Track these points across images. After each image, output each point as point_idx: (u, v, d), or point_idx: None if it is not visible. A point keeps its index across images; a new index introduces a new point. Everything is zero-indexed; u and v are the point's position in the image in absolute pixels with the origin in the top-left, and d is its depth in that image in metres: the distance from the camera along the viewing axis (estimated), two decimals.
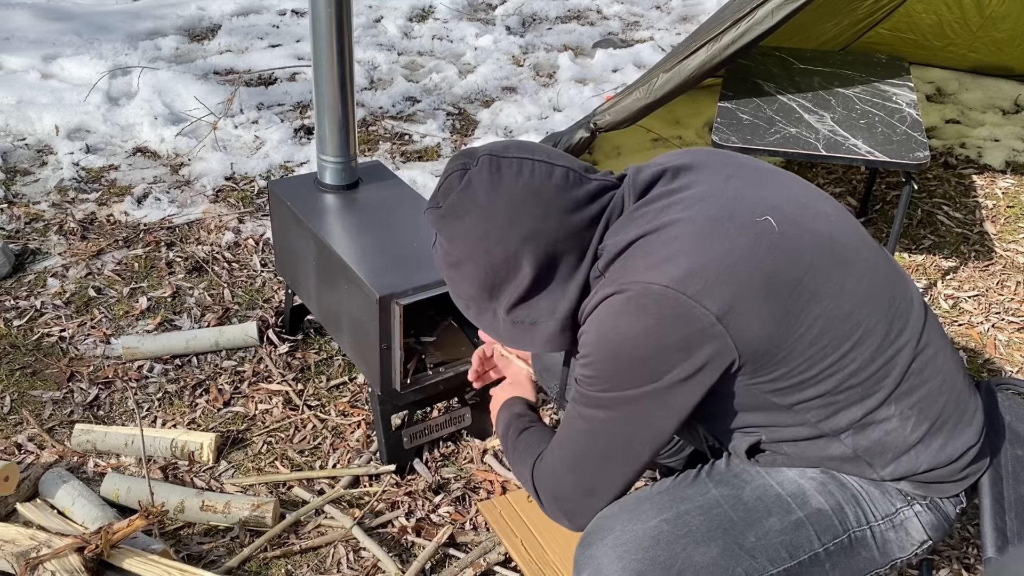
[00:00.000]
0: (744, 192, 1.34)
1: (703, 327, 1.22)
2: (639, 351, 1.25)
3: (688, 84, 2.81)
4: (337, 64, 2.20)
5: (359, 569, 1.94)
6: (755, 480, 1.40)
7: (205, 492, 2.07)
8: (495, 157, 1.36)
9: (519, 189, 1.33)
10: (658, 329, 1.23)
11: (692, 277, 1.22)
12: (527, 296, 1.37)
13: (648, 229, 1.30)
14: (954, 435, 1.38)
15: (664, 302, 1.22)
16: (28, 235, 3.15)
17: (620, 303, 1.26)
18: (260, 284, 2.92)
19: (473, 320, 1.47)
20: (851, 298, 1.30)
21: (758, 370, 1.27)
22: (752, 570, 1.33)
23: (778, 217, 1.30)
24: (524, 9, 5.69)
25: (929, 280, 3.10)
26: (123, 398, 2.43)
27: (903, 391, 1.33)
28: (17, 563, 1.75)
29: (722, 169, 1.39)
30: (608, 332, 1.27)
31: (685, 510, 1.37)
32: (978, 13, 4.13)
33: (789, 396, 1.31)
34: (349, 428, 2.34)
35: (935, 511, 1.41)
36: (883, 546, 1.40)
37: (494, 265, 1.35)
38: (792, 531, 1.35)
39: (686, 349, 1.23)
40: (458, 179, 1.36)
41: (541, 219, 1.33)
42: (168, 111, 4.01)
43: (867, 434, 1.34)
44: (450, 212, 1.37)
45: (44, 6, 5.27)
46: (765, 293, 1.24)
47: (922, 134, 2.70)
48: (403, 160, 3.79)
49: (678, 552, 1.32)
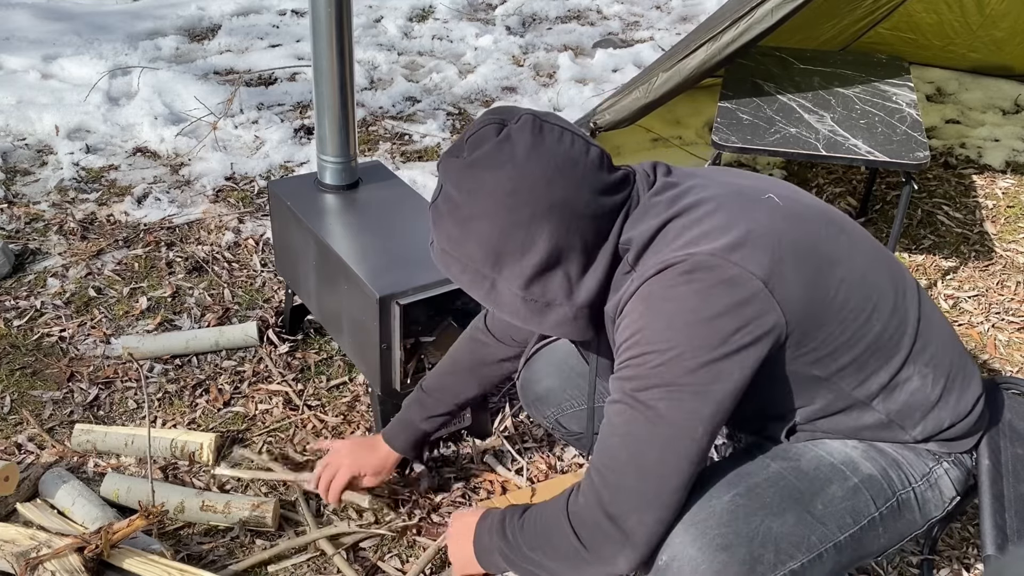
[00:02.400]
0: (738, 181, 1.42)
1: (753, 292, 1.24)
2: (694, 316, 1.22)
3: (688, 83, 2.81)
4: (337, 64, 2.20)
5: (359, 569, 1.94)
6: (807, 452, 1.43)
7: (205, 492, 2.07)
8: (538, 119, 1.32)
9: (561, 155, 1.29)
10: (710, 293, 1.22)
11: (733, 246, 1.25)
12: (542, 271, 1.31)
13: (673, 213, 1.32)
14: (965, 386, 1.44)
15: (713, 268, 1.23)
16: (28, 235, 3.15)
17: (668, 276, 1.25)
18: (260, 284, 2.92)
19: (466, 288, 1.38)
20: (861, 263, 1.36)
21: (803, 338, 1.29)
22: (824, 537, 1.35)
23: (777, 195, 1.38)
24: (524, 9, 5.69)
25: (929, 280, 3.10)
26: (123, 398, 2.43)
27: (918, 349, 1.38)
28: (17, 563, 1.75)
29: (709, 170, 1.48)
30: (659, 303, 1.25)
31: (755, 483, 1.37)
32: (978, 12, 4.13)
33: (827, 366, 1.33)
34: (349, 428, 2.34)
35: (959, 466, 1.47)
36: (923, 506, 1.44)
37: (513, 227, 1.28)
38: (852, 496, 1.38)
39: (740, 314, 1.23)
40: (494, 131, 1.31)
41: (575, 191, 1.29)
42: (168, 111, 4.01)
43: (895, 397, 1.38)
44: (480, 162, 1.29)
45: (44, 6, 5.28)
46: (795, 260, 1.28)
47: (922, 134, 2.70)
48: (403, 160, 3.79)
49: (757, 524, 1.31)
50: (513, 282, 1.33)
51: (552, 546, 1.36)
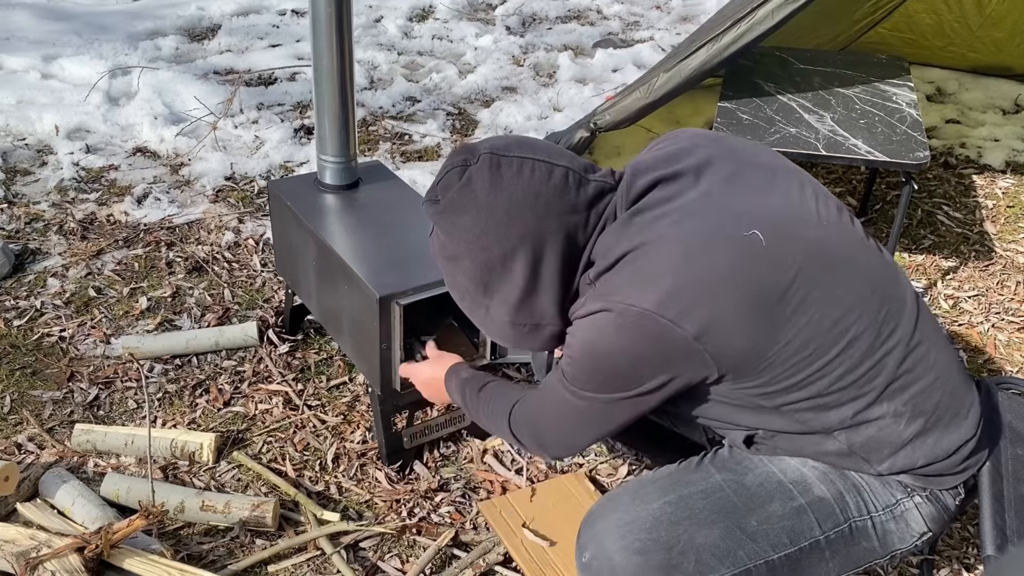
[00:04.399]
0: (736, 200, 1.33)
1: (680, 348, 1.26)
2: (617, 366, 1.30)
3: (688, 84, 2.81)
4: (337, 64, 2.20)
5: (359, 569, 1.94)
6: (758, 467, 1.42)
7: (205, 492, 2.07)
8: (496, 155, 1.36)
9: (519, 189, 1.34)
10: (636, 349, 1.28)
11: (673, 298, 1.25)
12: (525, 297, 1.39)
13: (637, 244, 1.31)
14: (949, 430, 1.39)
15: (643, 324, 1.26)
16: (28, 235, 3.15)
17: (604, 320, 1.29)
18: (260, 284, 2.92)
19: (467, 312, 1.51)
20: (839, 305, 1.31)
21: (740, 378, 1.30)
22: (753, 553, 1.35)
23: (767, 229, 1.29)
24: (524, 9, 5.69)
25: (929, 280, 3.10)
26: (123, 398, 2.43)
27: (895, 389, 1.34)
28: (17, 563, 1.75)
29: (725, 165, 1.38)
30: (590, 344, 1.32)
31: (688, 493, 1.40)
32: (978, 12, 4.13)
33: (775, 399, 1.33)
34: (349, 428, 2.34)
35: (935, 503, 1.42)
36: (883, 537, 1.41)
37: (490, 262, 1.38)
38: (793, 517, 1.37)
39: (662, 366, 1.28)
40: (458, 176, 1.37)
41: (539, 220, 1.34)
42: (168, 111, 4.01)
43: (860, 431, 1.36)
44: (449, 208, 1.38)
45: (44, 6, 5.28)
46: (748, 308, 1.26)
47: (922, 134, 2.70)
48: (403, 160, 3.79)
49: (680, 534, 1.35)
50: (501, 308, 1.42)
51: (494, 422, 1.62)
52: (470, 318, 1.51)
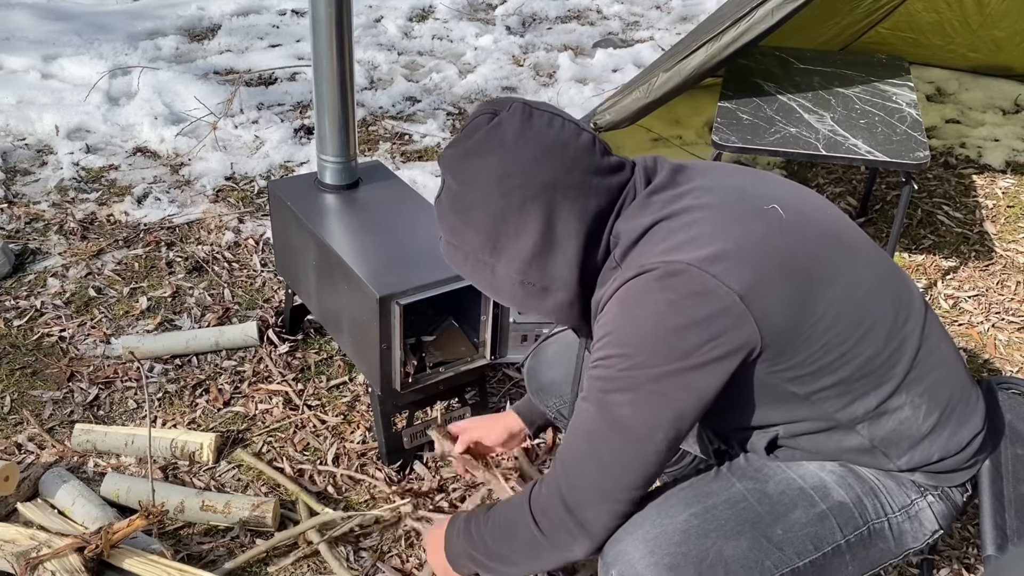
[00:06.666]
0: (746, 186, 1.38)
1: (727, 306, 1.22)
2: (663, 325, 1.23)
3: (688, 83, 2.80)
4: (337, 64, 2.20)
5: (359, 569, 1.94)
6: (777, 474, 1.41)
7: (205, 492, 2.07)
8: (528, 106, 1.34)
9: (549, 137, 1.31)
10: (682, 305, 1.22)
11: (715, 257, 1.23)
12: (538, 253, 1.33)
13: (664, 215, 1.31)
14: (962, 423, 1.41)
15: (688, 279, 1.22)
16: (28, 235, 3.15)
17: (644, 281, 1.25)
18: (260, 284, 2.92)
19: (468, 277, 1.42)
20: (860, 285, 1.33)
21: (778, 356, 1.28)
22: (780, 563, 1.34)
23: (783, 207, 1.33)
24: (524, 9, 5.69)
25: (929, 280, 3.10)
26: (123, 398, 2.43)
27: (913, 379, 1.36)
28: (17, 563, 1.75)
29: (721, 169, 1.44)
30: (631, 307, 1.26)
31: (713, 504, 1.37)
32: (978, 11, 4.13)
33: (807, 384, 1.32)
34: (349, 428, 2.34)
35: (946, 501, 1.43)
36: (899, 537, 1.42)
37: (506, 211, 1.31)
38: (816, 523, 1.36)
39: (710, 328, 1.22)
40: (486, 120, 1.34)
41: (565, 171, 1.31)
42: (168, 111, 4.01)
43: (882, 423, 1.36)
44: (473, 150, 1.33)
45: (44, 6, 5.28)
46: (783, 276, 1.26)
47: (922, 134, 2.70)
48: (403, 160, 3.79)
49: (708, 546, 1.31)
50: (511, 266, 1.34)
51: (514, 535, 1.40)
52: (472, 282, 1.42)
